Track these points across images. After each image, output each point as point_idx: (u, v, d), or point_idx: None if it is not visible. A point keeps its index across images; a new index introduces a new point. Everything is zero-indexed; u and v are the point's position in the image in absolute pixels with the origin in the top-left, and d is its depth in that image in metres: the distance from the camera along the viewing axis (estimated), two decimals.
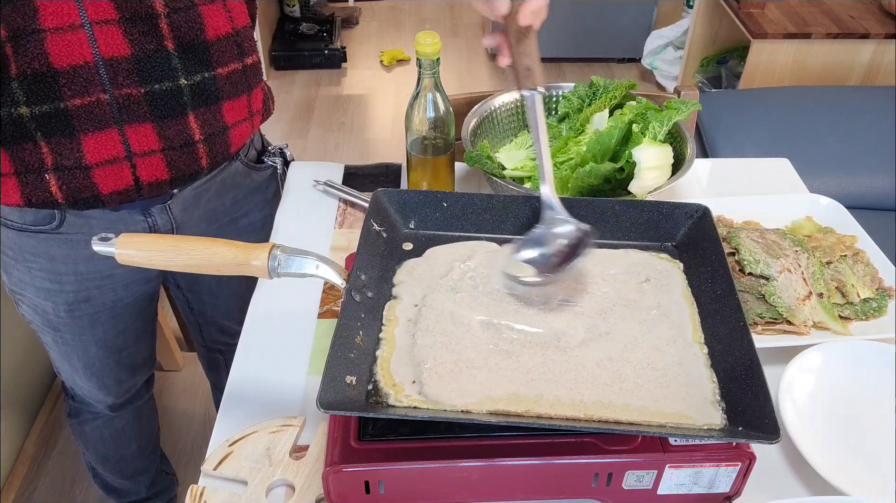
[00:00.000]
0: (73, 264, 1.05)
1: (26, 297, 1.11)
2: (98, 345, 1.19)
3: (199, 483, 0.79)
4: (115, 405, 1.35)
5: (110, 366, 1.25)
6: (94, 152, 0.90)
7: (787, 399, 0.83)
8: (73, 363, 1.22)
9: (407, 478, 0.69)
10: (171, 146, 0.94)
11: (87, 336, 1.17)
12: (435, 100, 1.02)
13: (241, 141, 1.04)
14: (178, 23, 0.88)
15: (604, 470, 0.70)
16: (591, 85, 1.20)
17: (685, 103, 1.11)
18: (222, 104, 0.97)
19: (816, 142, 2.06)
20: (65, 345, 1.18)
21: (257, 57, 1.02)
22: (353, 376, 0.70)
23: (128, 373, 1.30)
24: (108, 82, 0.87)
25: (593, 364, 0.73)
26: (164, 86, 0.90)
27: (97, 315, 1.14)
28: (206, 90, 0.94)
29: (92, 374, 1.25)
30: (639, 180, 1.04)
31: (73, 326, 1.14)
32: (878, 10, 2.55)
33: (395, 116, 3.41)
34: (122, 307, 1.16)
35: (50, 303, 1.10)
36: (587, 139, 1.10)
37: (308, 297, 1.02)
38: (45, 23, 0.81)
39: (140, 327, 1.24)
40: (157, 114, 0.92)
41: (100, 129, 0.89)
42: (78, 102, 0.87)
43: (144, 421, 1.48)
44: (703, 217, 0.87)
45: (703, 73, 3.11)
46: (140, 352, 1.29)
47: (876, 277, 1.00)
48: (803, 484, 0.80)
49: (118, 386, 1.31)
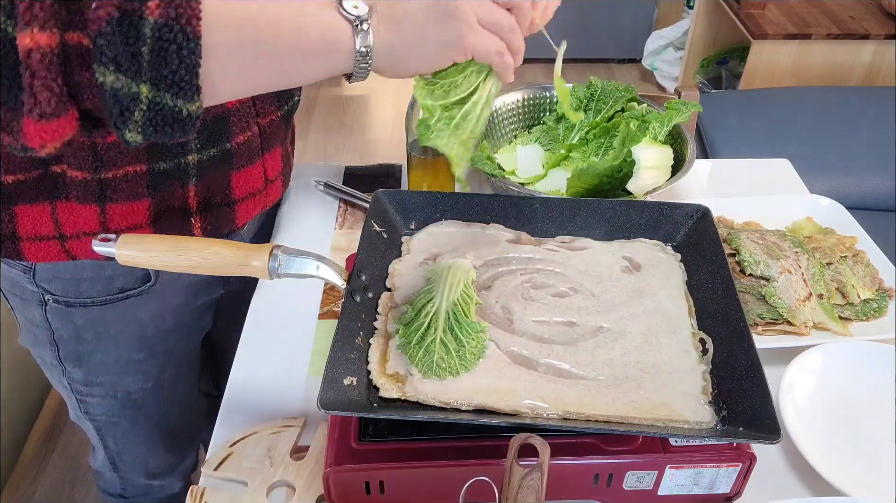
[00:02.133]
0: (160, 321, 0.98)
1: (104, 385, 1.00)
2: (178, 407, 1.11)
3: (199, 484, 0.78)
4: (189, 470, 1.24)
5: (188, 424, 1.17)
6: (242, 187, 0.88)
7: (787, 399, 0.83)
8: (152, 441, 1.11)
9: (407, 478, 0.69)
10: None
11: (171, 398, 1.08)
12: None
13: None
14: None
15: (604, 470, 0.70)
16: (590, 86, 1.20)
17: (685, 104, 1.11)
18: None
19: (817, 142, 2.06)
20: (147, 423, 1.08)
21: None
22: (354, 377, 0.70)
23: (197, 425, 1.21)
24: (257, 112, 0.85)
25: (588, 362, 0.73)
26: (290, 105, 0.90)
27: (178, 372, 1.06)
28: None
29: (172, 443, 1.14)
30: (637, 179, 1.04)
31: (160, 394, 1.05)
32: (879, 11, 2.54)
33: (395, 117, 3.41)
34: (194, 355, 1.10)
35: (140, 376, 1.01)
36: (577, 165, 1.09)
37: (308, 298, 1.02)
38: None
39: (197, 371, 1.15)
40: (278, 139, 0.92)
41: (251, 162, 0.88)
42: (241, 139, 0.84)
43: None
44: (704, 218, 0.87)
45: (704, 73, 3.11)
46: (198, 398, 1.19)
47: (876, 278, 1.00)
48: (804, 484, 0.80)
49: (192, 444, 1.22)
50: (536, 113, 1.24)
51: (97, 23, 0.46)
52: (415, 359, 0.71)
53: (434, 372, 0.70)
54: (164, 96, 0.49)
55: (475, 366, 0.72)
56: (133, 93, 0.48)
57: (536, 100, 1.24)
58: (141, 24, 0.47)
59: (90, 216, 0.80)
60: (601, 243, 0.88)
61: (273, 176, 0.96)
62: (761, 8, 2.54)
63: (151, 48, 0.48)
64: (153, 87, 0.49)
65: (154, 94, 0.49)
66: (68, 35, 0.46)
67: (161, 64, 0.48)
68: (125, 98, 0.48)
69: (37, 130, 0.48)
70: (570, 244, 0.87)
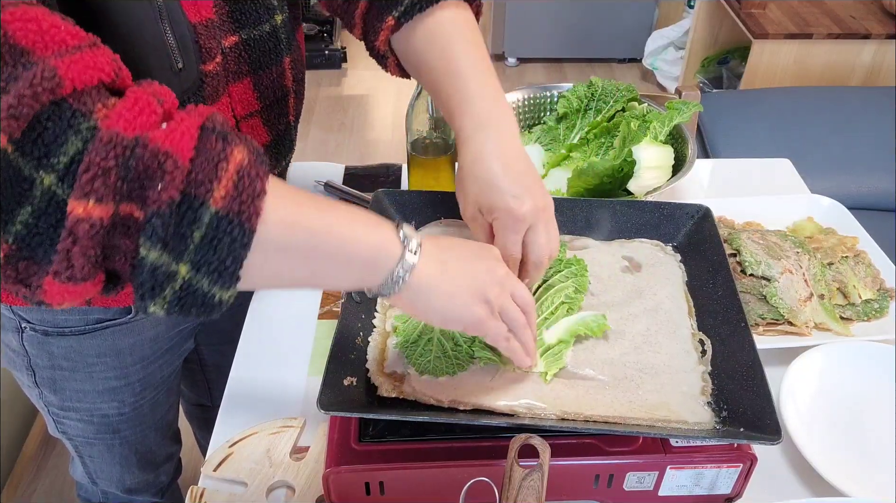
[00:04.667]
0: (139, 351, 0.96)
1: (80, 409, 0.99)
2: (156, 429, 1.11)
3: (199, 484, 0.78)
4: (165, 486, 1.25)
5: (165, 445, 1.17)
6: None
7: (788, 400, 0.83)
8: (128, 462, 1.11)
9: (407, 479, 0.69)
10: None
11: (147, 423, 1.07)
12: None
13: None
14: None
15: (605, 471, 0.69)
16: (591, 85, 1.20)
17: (686, 104, 1.11)
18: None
19: (818, 142, 2.06)
20: (123, 446, 1.07)
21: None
22: (354, 377, 0.70)
23: (174, 444, 1.22)
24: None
25: (588, 362, 0.73)
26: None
27: (157, 397, 1.05)
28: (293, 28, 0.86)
29: (148, 463, 1.15)
30: (638, 179, 1.03)
31: (135, 420, 1.04)
32: (880, 11, 2.54)
33: (395, 117, 3.41)
34: (174, 378, 1.09)
35: (116, 403, 0.99)
36: (576, 165, 1.09)
37: (308, 298, 1.02)
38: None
39: (176, 393, 1.15)
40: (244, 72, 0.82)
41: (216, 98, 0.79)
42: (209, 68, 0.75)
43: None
44: (705, 218, 0.87)
45: (705, 73, 3.11)
46: (176, 418, 1.20)
47: (877, 278, 0.99)
48: (804, 485, 0.80)
49: (169, 462, 1.23)
50: (536, 113, 1.24)
51: (158, 204, 0.45)
52: (412, 357, 0.71)
53: (431, 371, 0.70)
54: (202, 280, 0.48)
55: (472, 365, 0.72)
56: (172, 271, 0.47)
57: (536, 100, 1.23)
58: (201, 211, 0.46)
59: None
60: (601, 243, 0.88)
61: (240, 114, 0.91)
62: (762, 8, 2.54)
63: (204, 234, 0.47)
64: (193, 269, 0.48)
65: (192, 275, 0.48)
66: (122, 206, 0.45)
67: (209, 251, 0.47)
68: (162, 275, 0.47)
69: (60, 291, 0.47)
70: (570, 244, 0.87)
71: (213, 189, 0.47)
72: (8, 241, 0.44)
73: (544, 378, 0.71)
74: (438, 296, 0.61)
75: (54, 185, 0.44)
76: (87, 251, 0.45)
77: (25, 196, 0.43)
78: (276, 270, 0.53)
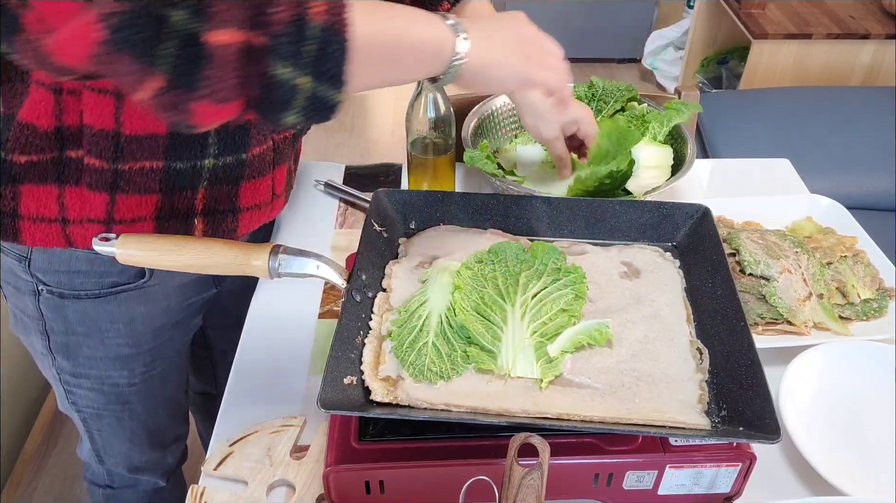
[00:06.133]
0: (151, 320, 0.98)
1: (91, 377, 1.01)
2: (165, 405, 1.12)
3: (199, 483, 0.79)
4: (172, 469, 1.25)
5: (173, 425, 1.18)
6: (249, 197, 0.90)
7: (787, 399, 0.83)
8: (136, 438, 1.12)
9: (407, 478, 0.69)
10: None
11: (157, 397, 1.09)
12: (435, 100, 1.02)
13: None
14: None
15: (604, 470, 0.70)
16: (591, 85, 1.20)
17: (685, 105, 1.11)
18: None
19: (817, 142, 2.06)
20: (132, 420, 1.09)
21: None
22: (354, 376, 0.70)
23: (183, 425, 1.23)
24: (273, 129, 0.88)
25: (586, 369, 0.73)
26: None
27: (166, 372, 1.07)
28: None
29: (156, 441, 1.16)
30: (637, 179, 1.04)
31: (145, 392, 1.06)
32: (879, 11, 2.55)
33: (395, 116, 3.41)
34: (183, 355, 1.11)
35: (126, 372, 1.01)
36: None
37: (309, 298, 1.02)
38: None
39: (186, 371, 1.16)
40: (289, 155, 0.96)
41: (262, 174, 0.90)
42: (257, 151, 0.87)
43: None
44: (704, 217, 0.87)
45: (704, 73, 3.11)
46: (185, 398, 1.21)
47: (876, 278, 1.00)
48: (804, 484, 0.80)
49: (176, 443, 1.23)
50: None
51: (279, 25, 0.55)
52: (406, 362, 0.71)
53: (425, 376, 0.70)
54: (321, 87, 0.58)
55: (466, 370, 0.72)
56: (298, 83, 0.57)
57: None
58: (308, 27, 0.56)
59: (97, 203, 0.81)
60: (599, 248, 0.87)
61: (279, 191, 0.97)
62: (762, 8, 2.54)
63: (315, 47, 0.56)
64: (314, 79, 0.58)
65: (313, 85, 0.58)
66: (251, 35, 0.54)
67: (321, 61, 0.57)
68: (291, 88, 0.57)
69: (208, 112, 0.57)
70: (568, 249, 0.86)
71: (311, 7, 0.56)
72: (161, 74, 0.53)
73: (540, 385, 0.71)
74: (491, 68, 0.75)
75: (188, 20, 0.52)
76: (228, 75, 0.54)
77: (165, 33, 0.51)
78: (367, 74, 0.65)
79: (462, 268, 0.77)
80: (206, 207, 0.87)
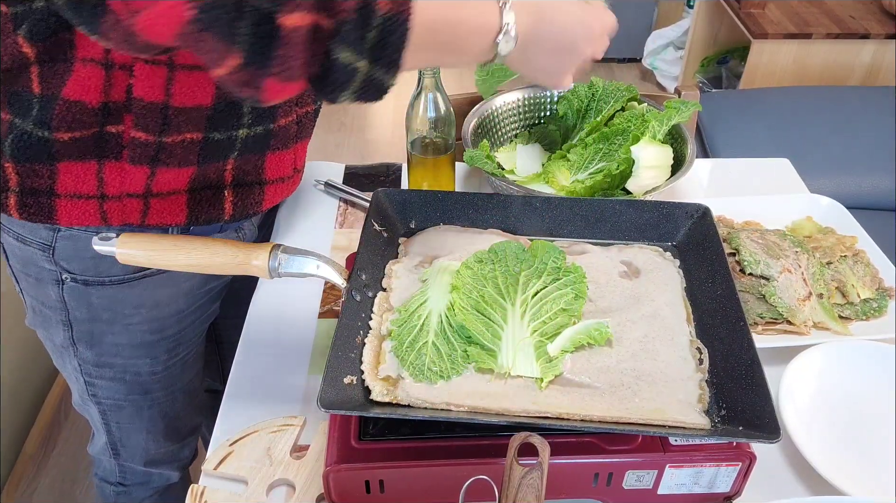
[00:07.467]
0: (175, 303, 0.99)
1: (114, 367, 1.01)
2: (184, 395, 1.12)
3: (199, 482, 0.79)
4: (187, 462, 1.25)
5: (191, 414, 1.17)
6: (273, 169, 0.92)
7: (787, 399, 0.83)
8: (155, 428, 1.12)
9: (407, 477, 0.69)
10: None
11: (177, 385, 1.09)
12: (435, 99, 1.02)
13: None
14: None
15: (604, 470, 0.70)
16: (591, 86, 1.20)
17: (685, 104, 1.11)
18: None
19: (817, 142, 2.06)
20: (152, 409, 1.08)
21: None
22: (354, 376, 0.70)
23: (199, 416, 1.21)
24: (296, 101, 0.89)
25: (585, 369, 0.73)
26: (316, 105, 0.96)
27: (187, 358, 1.07)
28: None
29: (174, 432, 1.15)
30: (636, 178, 1.04)
31: (167, 379, 1.06)
32: (879, 11, 2.54)
33: (395, 116, 3.41)
34: (201, 343, 1.10)
35: (149, 360, 1.02)
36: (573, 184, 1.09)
37: (309, 297, 1.02)
38: None
39: (202, 360, 1.16)
40: (309, 131, 0.98)
41: (286, 147, 0.92)
42: (283, 122, 0.88)
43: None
44: (704, 217, 0.87)
45: (704, 73, 3.11)
46: (201, 388, 1.20)
47: (876, 277, 1.00)
48: (803, 484, 0.80)
49: (193, 436, 1.22)
50: (536, 113, 1.24)
51: (346, 12, 0.58)
52: (406, 362, 0.71)
53: (425, 375, 0.70)
54: (377, 71, 0.62)
55: (466, 370, 0.72)
56: (356, 66, 0.61)
57: (536, 100, 1.24)
58: (373, 15, 0.59)
59: (138, 177, 0.83)
60: (599, 248, 0.87)
61: (300, 166, 1.00)
62: (761, 7, 2.54)
63: (377, 34, 0.60)
64: (371, 63, 0.61)
65: (370, 68, 0.61)
66: (319, 17, 0.57)
67: (380, 47, 0.60)
68: (350, 71, 0.60)
69: (277, 89, 0.60)
70: (568, 249, 0.86)
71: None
72: (238, 52, 0.56)
73: (539, 384, 0.71)
74: (538, 56, 0.78)
75: (265, 1, 0.55)
76: (297, 55, 0.58)
77: (245, 13, 0.55)
78: (420, 57, 0.68)
79: (462, 267, 0.77)
80: (235, 179, 0.90)
